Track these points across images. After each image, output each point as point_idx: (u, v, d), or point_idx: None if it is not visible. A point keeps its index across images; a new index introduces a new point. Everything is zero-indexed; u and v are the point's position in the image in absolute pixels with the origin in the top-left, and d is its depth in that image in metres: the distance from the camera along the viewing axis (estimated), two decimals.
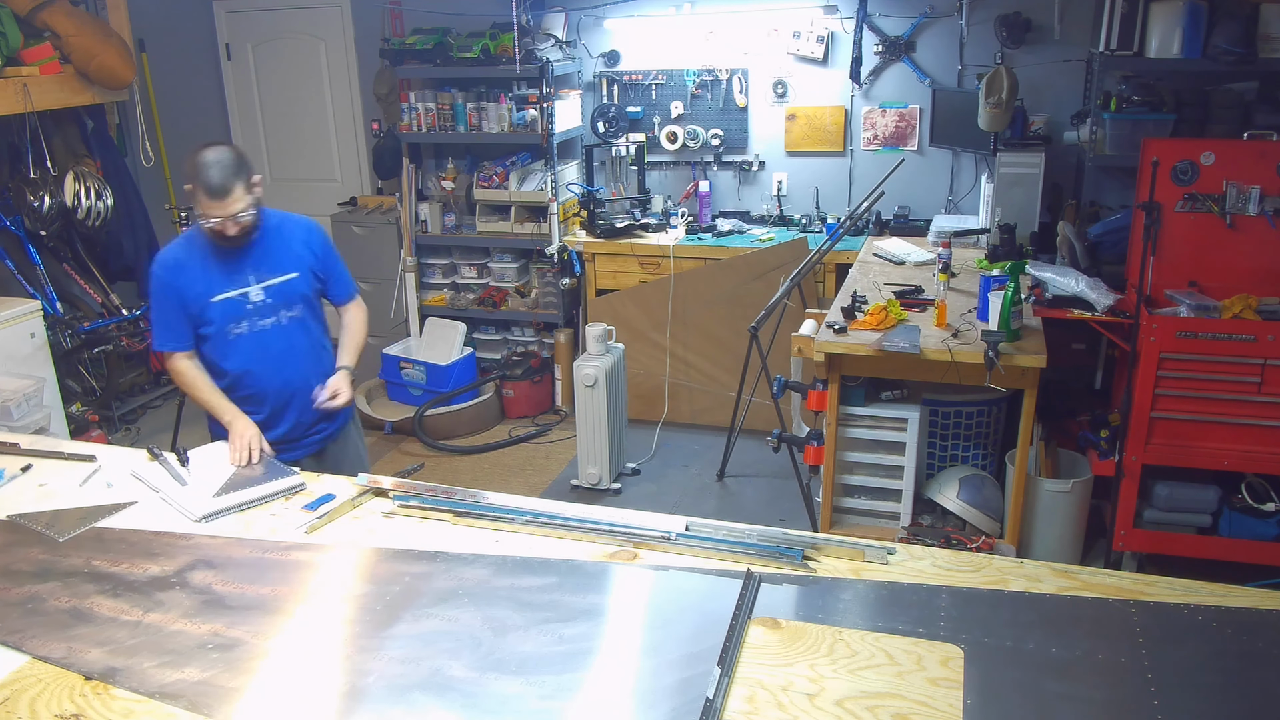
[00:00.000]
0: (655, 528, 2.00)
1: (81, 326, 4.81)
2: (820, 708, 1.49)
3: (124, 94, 5.15)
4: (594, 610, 1.76)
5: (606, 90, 5.29)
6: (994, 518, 3.53)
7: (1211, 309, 3.33)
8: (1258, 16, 3.73)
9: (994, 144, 4.44)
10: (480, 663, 1.62)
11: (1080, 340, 4.07)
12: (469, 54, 5.02)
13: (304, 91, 6.05)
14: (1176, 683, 1.51)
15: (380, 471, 4.68)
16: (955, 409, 3.66)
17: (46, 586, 1.92)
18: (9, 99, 4.50)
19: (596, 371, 4.20)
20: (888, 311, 3.50)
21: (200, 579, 1.92)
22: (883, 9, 4.80)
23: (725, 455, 4.54)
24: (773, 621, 1.69)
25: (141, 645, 1.71)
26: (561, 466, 4.75)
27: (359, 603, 1.82)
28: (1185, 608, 1.68)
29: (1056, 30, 4.51)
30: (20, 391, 3.77)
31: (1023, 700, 1.49)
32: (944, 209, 4.93)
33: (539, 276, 5.33)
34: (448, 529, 2.10)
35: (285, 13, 5.92)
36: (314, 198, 6.19)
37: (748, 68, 5.06)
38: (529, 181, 5.24)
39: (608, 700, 1.54)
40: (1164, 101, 4.00)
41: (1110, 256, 3.90)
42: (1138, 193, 3.58)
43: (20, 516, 2.20)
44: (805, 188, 5.14)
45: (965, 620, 1.67)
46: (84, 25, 4.76)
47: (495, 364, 5.46)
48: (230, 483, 2.33)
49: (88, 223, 4.87)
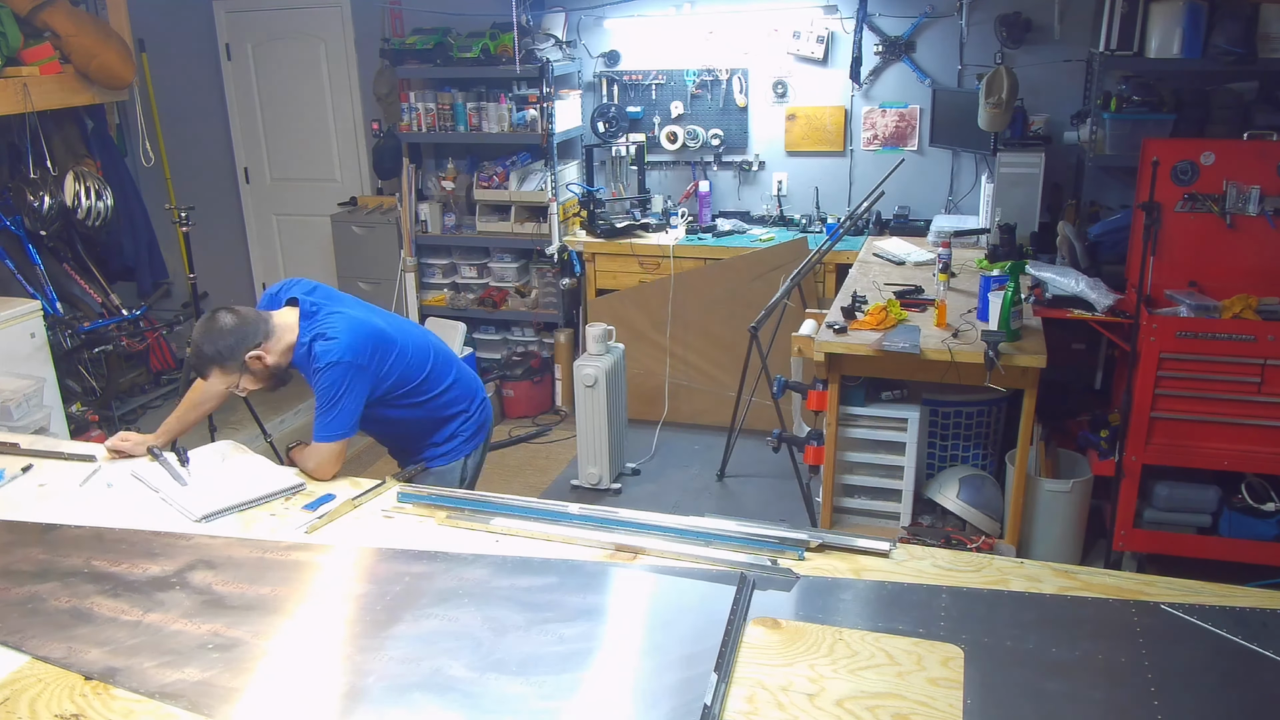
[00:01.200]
0: (655, 527, 2.00)
1: (81, 326, 4.81)
2: (820, 708, 1.49)
3: (124, 94, 5.15)
4: (594, 610, 1.76)
5: (606, 90, 5.29)
6: (994, 518, 3.53)
7: (1211, 309, 3.33)
8: (1258, 16, 3.73)
9: (994, 144, 4.44)
10: (480, 663, 1.62)
11: (1080, 340, 4.08)
12: (469, 54, 5.02)
13: (304, 91, 6.05)
14: (1176, 683, 1.51)
15: (380, 472, 4.69)
16: (955, 409, 3.66)
17: (46, 586, 1.92)
18: (9, 99, 4.49)
19: (596, 371, 4.20)
20: (888, 311, 3.50)
21: (200, 579, 1.92)
22: (883, 9, 4.80)
23: (725, 455, 4.54)
24: (773, 621, 1.69)
25: (141, 645, 1.71)
26: (561, 466, 4.75)
27: (359, 603, 1.82)
28: (1185, 607, 1.68)
29: (1056, 30, 4.51)
30: (20, 391, 3.77)
31: (1023, 700, 1.49)
32: (944, 209, 4.93)
33: (539, 276, 5.33)
34: (448, 529, 2.10)
35: (285, 13, 5.92)
36: (314, 198, 6.19)
37: (748, 68, 5.06)
38: (529, 181, 5.24)
39: (607, 700, 1.54)
40: (1164, 101, 4.00)
41: (1110, 256, 3.90)
42: (1138, 193, 3.58)
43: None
44: (805, 188, 5.14)
45: (965, 620, 1.67)
46: (84, 25, 4.76)
47: (495, 364, 5.46)
48: (231, 482, 2.33)
49: (88, 223, 4.87)
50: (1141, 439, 3.37)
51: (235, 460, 2.48)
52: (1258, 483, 3.42)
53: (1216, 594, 1.72)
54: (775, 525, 1.99)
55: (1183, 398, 3.32)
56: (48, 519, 2.20)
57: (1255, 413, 3.27)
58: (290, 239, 6.45)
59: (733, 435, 4.52)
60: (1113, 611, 1.69)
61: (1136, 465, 3.40)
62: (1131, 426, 3.36)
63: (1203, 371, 3.28)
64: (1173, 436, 3.36)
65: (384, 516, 2.18)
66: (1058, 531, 3.60)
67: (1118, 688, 1.51)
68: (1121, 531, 3.47)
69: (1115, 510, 3.47)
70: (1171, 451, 3.38)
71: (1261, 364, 3.21)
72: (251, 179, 6.38)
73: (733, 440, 4.53)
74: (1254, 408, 3.27)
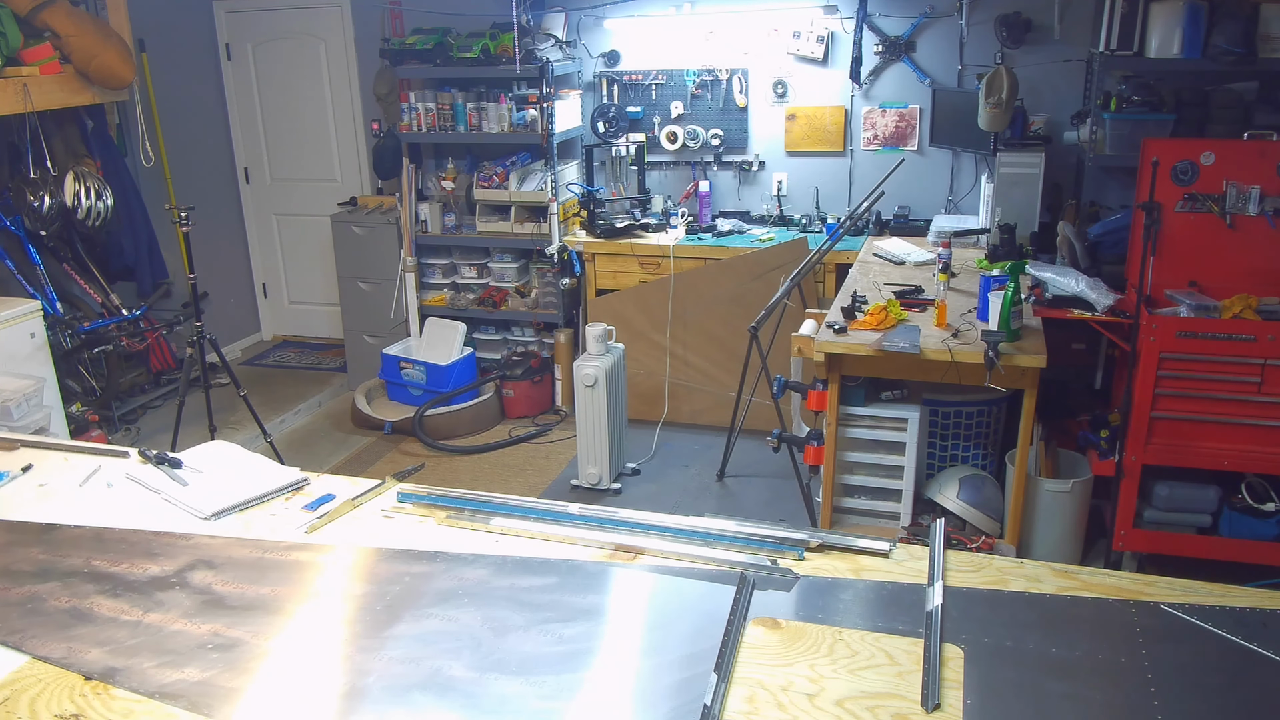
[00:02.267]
0: (655, 527, 2.00)
1: (81, 326, 4.81)
2: (820, 708, 1.49)
3: (124, 94, 5.15)
4: (594, 610, 1.76)
5: (606, 90, 5.29)
6: (994, 518, 3.53)
7: (1211, 309, 3.33)
8: (1258, 16, 3.73)
9: (994, 144, 4.44)
10: (480, 663, 1.62)
11: (1080, 340, 4.08)
12: (469, 54, 5.02)
13: (304, 91, 6.05)
14: (1176, 683, 1.51)
15: (380, 472, 4.69)
16: (955, 409, 3.66)
17: (46, 586, 1.92)
18: (9, 99, 4.49)
19: (596, 371, 4.20)
20: (888, 311, 3.50)
21: (200, 579, 1.92)
22: (883, 9, 4.80)
23: (725, 455, 4.54)
24: (773, 621, 1.69)
25: (141, 645, 1.71)
26: (561, 466, 4.75)
27: (359, 603, 1.82)
28: (1185, 607, 1.68)
29: (1056, 30, 4.51)
30: (20, 391, 3.77)
31: (1023, 700, 1.49)
32: (944, 209, 4.93)
33: (539, 276, 5.33)
34: (448, 529, 2.10)
35: (285, 13, 5.92)
36: (314, 198, 6.20)
37: (748, 68, 5.06)
38: (529, 181, 5.24)
39: (607, 700, 1.54)
40: (1164, 101, 4.00)
41: (1110, 256, 3.91)
42: (1138, 193, 3.58)
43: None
44: (805, 188, 5.14)
45: (965, 620, 1.67)
46: (84, 25, 4.76)
47: (495, 364, 5.46)
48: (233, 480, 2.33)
49: (88, 223, 4.87)
50: (1141, 439, 3.37)
51: (234, 459, 2.48)
52: (1258, 483, 3.42)
53: (1216, 594, 1.72)
54: (775, 525, 1.99)
55: (1183, 398, 3.32)
56: (48, 519, 2.20)
57: (1255, 413, 3.27)
58: (290, 239, 6.45)
59: (733, 435, 4.52)
60: (1113, 611, 1.69)
61: (1136, 465, 3.40)
62: (1131, 426, 3.36)
63: (1203, 371, 3.28)
64: (1173, 436, 3.36)
65: (384, 516, 2.18)
66: (1058, 531, 3.60)
67: (1117, 688, 1.51)
68: (1121, 531, 3.47)
69: (1115, 510, 3.47)
70: (1171, 451, 3.38)
71: (1261, 364, 3.21)
72: (251, 179, 6.38)
73: (733, 440, 4.53)
74: (1254, 408, 3.27)
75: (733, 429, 4.50)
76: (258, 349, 6.52)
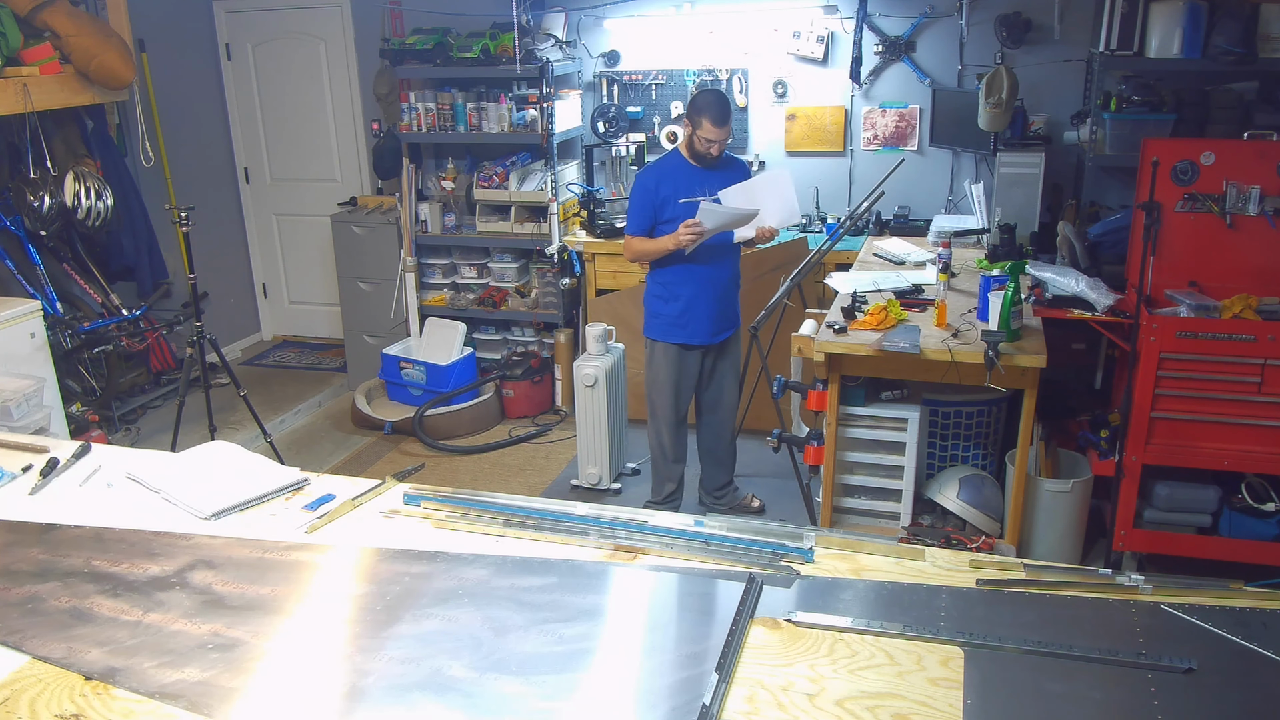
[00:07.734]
0: (655, 527, 2.00)
1: (81, 326, 4.81)
2: (820, 708, 1.49)
3: (124, 94, 5.15)
4: (594, 610, 1.76)
5: (606, 90, 5.29)
6: (994, 518, 3.53)
7: (1211, 309, 3.33)
8: (1258, 16, 3.73)
9: (994, 144, 4.44)
10: (480, 663, 1.62)
11: (1080, 340, 4.07)
12: (469, 54, 5.02)
13: (304, 91, 6.05)
14: (1176, 683, 1.51)
15: (380, 472, 4.69)
16: (955, 409, 3.66)
17: (46, 586, 1.92)
18: (9, 99, 4.50)
19: (596, 371, 4.20)
20: (888, 311, 3.50)
21: (200, 579, 1.92)
22: (883, 9, 4.80)
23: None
24: (773, 621, 1.70)
25: (141, 645, 1.71)
26: (561, 466, 4.75)
27: (359, 603, 1.82)
28: (1185, 607, 1.68)
29: (1056, 30, 4.51)
30: (20, 391, 3.77)
31: (1023, 700, 1.49)
32: (944, 209, 4.93)
33: (539, 276, 5.33)
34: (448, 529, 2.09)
35: (285, 13, 5.92)
36: (314, 198, 6.20)
37: (748, 68, 5.06)
38: (529, 181, 5.24)
39: (608, 700, 1.54)
40: (1164, 101, 4.00)
41: (1110, 256, 3.90)
42: (1138, 193, 3.58)
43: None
44: (805, 188, 5.14)
45: (965, 620, 1.67)
46: (84, 25, 4.76)
47: (495, 364, 5.46)
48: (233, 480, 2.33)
49: (88, 223, 4.87)
50: (1141, 439, 3.37)
51: (234, 459, 2.48)
52: (1258, 483, 3.42)
53: (1216, 594, 1.72)
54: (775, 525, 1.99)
55: (1183, 398, 3.32)
56: (48, 519, 2.20)
57: (1255, 413, 3.27)
58: (290, 239, 6.45)
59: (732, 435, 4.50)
60: (1113, 611, 1.69)
61: (1136, 465, 3.40)
62: (1131, 426, 3.36)
63: (1203, 371, 3.28)
64: (1173, 436, 3.36)
65: (384, 516, 2.18)
66: (1058, 531, 3.60)
67: (1118, 688, 1.51)
68: (1121, 531, 3.47)
69: (1115, 510, 3.47)
70: (1171, 451, 3.38)
71: (1261, 364, 3.21)
72: (251, 179, 6.38)
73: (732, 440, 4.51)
74: (1254, 408, 3.27)
75: (732, 429, 4.49)
76: (258, 349, 6.52)
